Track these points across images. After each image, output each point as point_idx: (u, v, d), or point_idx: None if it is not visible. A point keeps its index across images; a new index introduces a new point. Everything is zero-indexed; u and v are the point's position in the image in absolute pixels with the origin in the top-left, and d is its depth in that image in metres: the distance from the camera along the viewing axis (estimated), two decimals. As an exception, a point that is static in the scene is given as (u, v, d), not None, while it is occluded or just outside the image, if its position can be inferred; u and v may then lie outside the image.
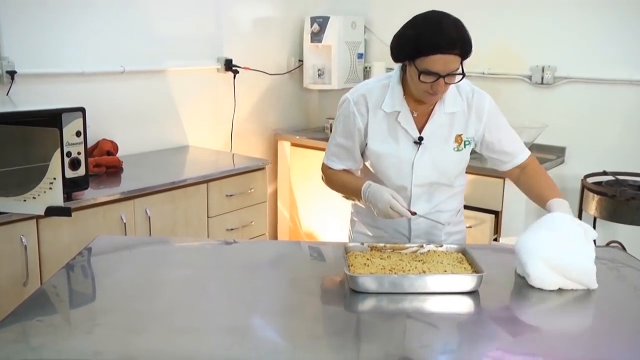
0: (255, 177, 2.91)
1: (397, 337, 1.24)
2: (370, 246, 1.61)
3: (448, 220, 1.81)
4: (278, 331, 1.27)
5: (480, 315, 1.39)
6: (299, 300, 1.40)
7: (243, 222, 2.87)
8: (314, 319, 1.32)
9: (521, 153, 1.76)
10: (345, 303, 1.40)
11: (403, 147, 1.68)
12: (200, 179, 2.64)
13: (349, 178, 1.77)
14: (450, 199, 1.78)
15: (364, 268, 1.49)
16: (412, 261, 1.54)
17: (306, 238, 3.50)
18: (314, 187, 3.46)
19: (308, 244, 1.83)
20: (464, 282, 1.43)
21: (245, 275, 1.54)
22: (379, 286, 1.41)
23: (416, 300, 1.40)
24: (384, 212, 1.61)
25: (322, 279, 1.51)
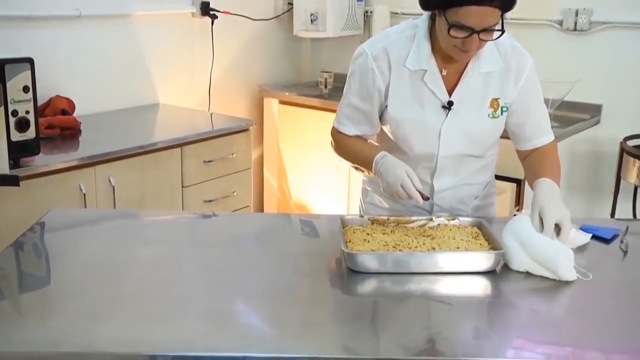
0: (238, 140, 2.91)
1: (403, 325, 1.26)
2: (372, 219, 1.62)
3: (476, 194, 1.81)
4: (265, 317, 1.28)
5: (498, 298, 1.40)
6: (289, 282, 1.41)
7: (224, 192, 2.88)
8: (306, 304, 1.33)
9: (545, 135, 1.75)
10: (343, 285, 1.41)
11: (429, 112, 1.67)
12: (173, 142, 2.63)
13: (362, 145, 1.76)
14: (479, 171, 1.79)
15: (364, 244, 1.49)
16: (419, 236, 1.55)
17: (297, 210, 3.51)
18: (306, 151, 3.47)
19: (299, 217, 1.84)
20: (480, 261, 1.44)
21: (226, 254, 1.55)
22: (381, 265, 1.42)
23: (424, 281, 1.41)
24: (393, 188, 1.60)
25: (315, 257, 1.52)
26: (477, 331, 1.25)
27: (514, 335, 1.24)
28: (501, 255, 1.45)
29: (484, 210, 1.85)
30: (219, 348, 1.16)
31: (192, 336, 1.19)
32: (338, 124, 1.79)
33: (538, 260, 1.44)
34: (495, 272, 1.45)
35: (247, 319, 1.27)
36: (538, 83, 1.73)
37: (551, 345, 1.19)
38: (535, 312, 1.34)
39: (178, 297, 1.34)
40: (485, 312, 1.34)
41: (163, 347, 1.16)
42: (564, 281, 1.42)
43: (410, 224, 1.61)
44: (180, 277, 1.44)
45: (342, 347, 1.19)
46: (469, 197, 1.81)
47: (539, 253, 1.44)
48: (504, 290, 1.42)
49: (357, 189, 3.36)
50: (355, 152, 1.75)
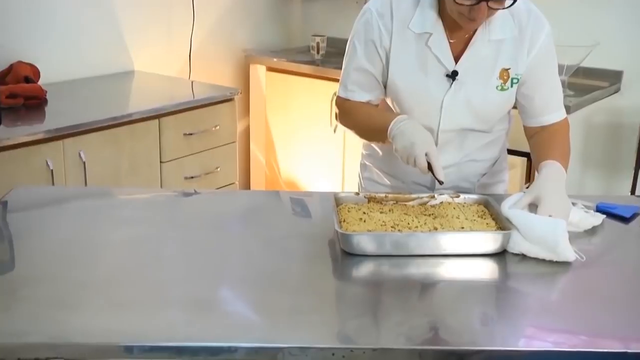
0: (221, 110, 2.90)
1: (403, 312, 1.26)
2: (368, 196, 1.62)
3: (482, 171, 1.82)
4: (252, 305, 1.28)
5: (506, 283, 1.41)
6: (278, 266, 1.41)
7: (206, 168, 2.88)
8: (298, 289, 1.33)
9: (555, 112, 1.74)
10: (337, 269, 1.42)
11: (432, 80, 1.66)
12: (150, 113, 2.63)
13: (375, 110, 1.75)
14: (486, 147, 1.79)
15: (360, 224, 1.49)
16: (420, 215, 1.55)
17: (287, 188, 3.52)
18: (296, 123, 3.46)
19: (289, 195, 1.85)
20: (487, 242, 1.45)
21: (209, 236, 1.55)
22: (379, 247, 1.42)
23: (426, 264, 1.41)
24: (414, 152, 1.54)
25: (307, 238, 1.52)
26: (484, 318, 1.26)
27: (524, 323, 1.25)
28: (509, 235, 1.46)
29: (492, 188, 1.86)
30: (202, 338, 1.16)
31: (171, 325, 1.20)
32: (345, 91, 1.77)
33: (535, 240, 1.45)
34: (504, 254, 1.45)
35: (233, 306, 1.28)
36: (553, 53, 1.72)
37: (563, 334, 1.20)
38: (544, 298, 1.35)
39: (156, 282, 1.34)
40: (490, 297, 1.35)
41: (140, 337, 1.16)
42: (568, 264, 1.43)
43: (410, 201, 1.62)
44: (158, 261, 1.44)
45: (337, 337, 1.19)
46: (474, 175, 1.81)
47: (536, 232, 1.45)
48: (508, 274, 1.43)
49: (353, 164, 3.38)
50: (369, 117, 1.73)
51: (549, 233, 1.44)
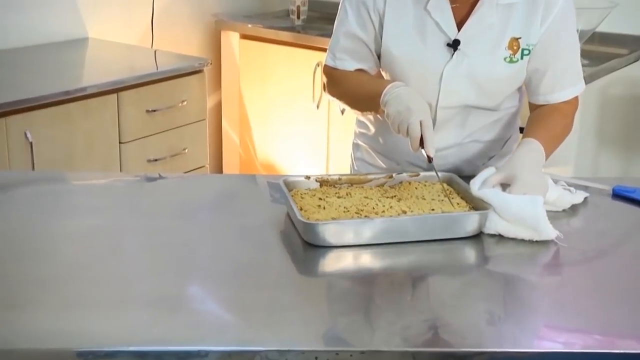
0: (189, 84, 2.90)
1: (394, 309, 1.27)
2: (320, 180, 1.64)
3: (489, 153, 1.83)
4: (224, 302, 1.29)
5: (490, 268, 1.46)
6: (254, 260, 1.41)
7: (172, 149, 2.89)
8: (276, 285, 1.34)
9: (567, 89, 1.74)
10: (319, 262, 1.43)
11: (431, 50, 1.66)
12: (107, 86, 2.62)
13: (368, 77, 1.76)
14: (492, 126, 1.80)
15: (320, 211, 1.51)
16: (382, 198, 1.58)
17: (264, 171, 3.53)
18: (274, 98, 3.46)
19: (267, 179, 1.85)
20: (467, 223, 1.49)
21: (176, 225, 1.55)
22: (355, 236, 1.44)
23: (398, 253, 1.44)
24: (408, 118, 1.55)
25: (286, 228, 1.52)
26: (487, 316, 1.27)
27: (528, 319, 1.26)
28: (486, 215, 1.50)
29: None
30: (167, 340, 1.16)
31: (132, 326, 1.20)
32: (334, 59, 1.78)
33: (513, 219, 1.49)
34: (480, 237, 1.50)
35: (203, 304, 1.28)
36: (573, 21, 1.72)
37: (576, 333, 1.21)
38: (538, 284, 1.39)
39: (116, 279, 1.34)
40: (488, 289, 1.37)
41: (96, 340, 1.16)
42: (548, 244, 1.47)
43: (366, 183, 1.64)
44: (118, 255, 1.43)
45: (321, 338, 1.20)
46: (479, 157, 1.82)
47: (513, 211, 1.49)
48: (495, 258, 1.48)
49: (339, 144, 3.41)
50: (360, 84, 1.74)
51: (528, 211, 1.48)
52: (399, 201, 1.56)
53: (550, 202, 1.60)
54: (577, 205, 1.66)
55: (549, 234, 1.48)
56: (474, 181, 1.57)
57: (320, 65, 3.30)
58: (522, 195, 1.52)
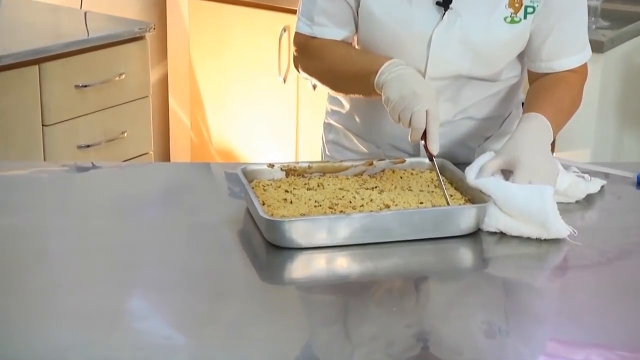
0: (128, 53, 2.89)
1: (377, 321, 1.28)
2: (285, 168, 1.64)
3: (485, 133, 1.85)
4: (172, 318, 1.28)
5: (490, 272, 1.46)
6: (209, 265, 1.42)
7: (108, 133, 2.88)
8: (234, 295, 1.34)
9: (573, 55, 1.77)
10: (286, 268, 1.44)
11: (418, 9, 1.68)
12: (26, 56, 2.61)
13: (355, 50, 1.77)
14: (490, 100, 1.81)
15: (287, 206, 1.51)
16: (361, 190, 1.59)
17: (220, 159, 3.52)
18: (232, 70, 3.46)
19: (223, 169, 1.85)
20: (463, 219, 1.50)
21: (114, 225, 1.55)
22: (329, 235, 1.44)
23: (380, 255, 1.45)
24: (415, 106, 1.55)
25: (247, 227, 1.53)
26: (487, 329, 1.28)
27: (538, 332, 1.28)
28: (485, 209, 1.51)
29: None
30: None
31: (60, 348, 1.19)
32: (310, 26, 1.77)
33: (517, 214, 1.50)
34: (479, 235, 1.51)
35: (146, 320, 1.28)
36: None
37: (593, 349, 1.23)
38: (548, 291, 1.40)
39: (39, 290, 1.33)
40: (487, 297, 1.38)
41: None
42: (559, 243, 1.48)
43: (342, 171, 1.65)
44: (42, 262, 1.43)
45: (293, 358, 1.20)
46: (474, 137, 1.84)
47: (517, 203, 1.50)
48: (496, 260, 1.49)
49: (309, 126, 3.40)
50: (347, 59, 1.73)
51: (534, 203, 1.49)
52: (380, 193, 1.57)
53: (561, 192, 1.61)
54: (594, 195, 1.67)
55: (560, 230, 1.49)
56: (470, 168, 1.59)
57: (288, 31, 3.30)
58: (528, 185, 1.53)
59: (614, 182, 1.72)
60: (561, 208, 1.52)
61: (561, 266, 1.50)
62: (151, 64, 3.03)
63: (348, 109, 1.87)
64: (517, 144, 1.60)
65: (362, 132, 1.86)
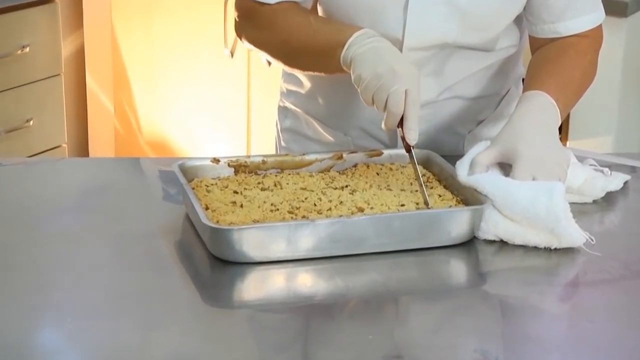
0: (34, 20, 2.91)
1: (340, 353, 1.29)
2: (234, 164, 1.66)
3: (477, 116, 1.88)
4: (93, 351, 1.29)
5: (486, 290, 1.48)
6: (137, 286, 1.43)
7: (10, 121, 2.90)
8: (170, 322, 1.35)
9: (585, 14, 1.80)
10: (235, 287, 1.46)
11: None
12: None
13: (315, 17, 1.79)
14: (482, 75, 1.84)
15: (236, 211, 1.52)
16: (328, 189, 1.61)
17: (152, 153, 3.55)
18: (166, 43, 3.47)
19: (157, 166, 1.85)
20: (448, 224, 1.51)
21: (18, 237, 1.55)
22: (270, 247, 1.45)
23: (352, 270, 1.47)
24: (387, 82, 1.58)
25: (185, 237, 1.55)
26: (482, 356, 1.29)
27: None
28: (481, 212, 1.52)
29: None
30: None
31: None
32: None
33: (521, 216, 1.52)
34: (473, 245, 1.53)
35: (62, 355, 1.28)
36: None
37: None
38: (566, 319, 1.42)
39: None
40: (484, 323, 1.40)
41: None
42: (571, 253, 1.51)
43: (305, 166, 1.67)
44: None
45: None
46: (464, 122, 1.87)
47: (521, 202, 1.51)
48: (490, 277, 1.52)
49: (264, 111, 3.39)
50: (305, 28, 1.74)
51: (541, 204, 1.50)
52: (352, 193, 1.58)
53: (574, 190, 1.63)
54: (615, 193, 1.69)
55: (574, 237, 1.51)
56: (461, 162, 1.60)
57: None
58: (533, 181, 1.55)
59: (639, 177, 1.75)
60: (575, 209, 1.53)
61: (575, 282, 1.52)
62: (63, 33, 3.03)
63: (308, 88, 1.89)
64: (516, 129, 1.62)
65: (327, 116, 1.88)
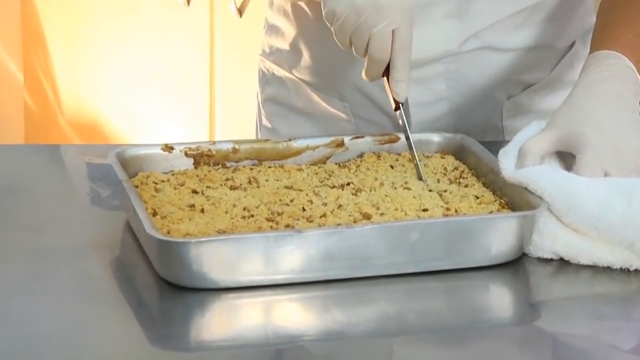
0: None
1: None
2: (194, 153, 1.69)
3: (524, 77, 1.92)
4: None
5: (541, 326, 1.51)
6: (58, 321, 1.44)
7: None
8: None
9: None
10: (173, 321, 1.47)
11: None
12: None
13: None
14: (525, 17, 1.88)
15: (195, 217, 1.53)
16: (323, 187, 1.64)
17: (78, 139, 3.61)
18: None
19: (84, 155, 1.89)
20: (488, 237, 1.53)
21: None
22: (241, 267, 1.45)
23: (356, 300, 1.49)
24: (368, 19, 1.62)
25: (120, 252, 1.59)
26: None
27: None
28: (533, 218, 1.54)
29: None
30: None
31: None
32: None
33: (588, 226, 1.54)
34: (522, 264, 1.56)
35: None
36: None
37: None
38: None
39: None
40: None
41: None
42: None
43: (290, 157, 1.71)
44: None
45: None
46: (501, 85, 1.92)
47: (589, 207, 1.54)
48: (546, 309, 1.55)
49: (235, 79, 3.42)
50: None
51: (617, 210, 1.53)
52: (356, 194, 1.61)
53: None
54: None
55: None
56: (506, 150, 1.63)
57: None
58: (605, 179, 1.57)
59: None
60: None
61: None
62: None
63: (292, 39, 1.93)
64: (581, 106, 1.64)
65: (316, 74, 1.93)
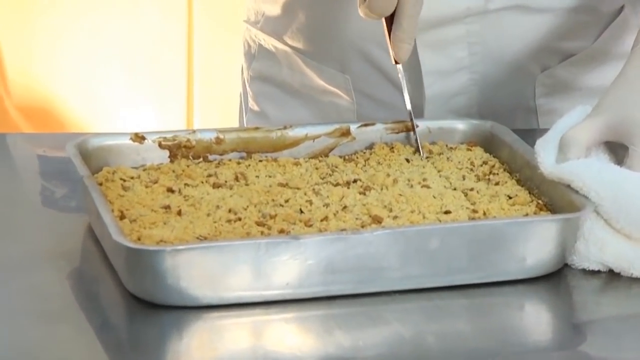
0: None
1: None
2: (170, 144, 1.70)
3: (562, 44, 1.95)
4: None
5: (587, 352, 1.50)
6: (7, 343, 1.44)
7: None
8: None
9: None
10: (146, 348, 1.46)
11: None
12: None
13: None
14: None
15: (170, 221, 1.54)
16: (325, 185, 1.66)
17: (28, 126, 3.64)
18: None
19: (35, 147, 1.90)
20: (523, 245, 1.54)
21: None
22: (226, 281, 1.46)
23: (366, 320, 1.49)
24: None
25: (83, 265, 1.60)
26: None
27: None
28: (577, 222, 1.55)
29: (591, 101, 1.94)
30: None
31: None
32: None
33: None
34: (564, 275, 1.58)
35: None
36: None
37: None
38: None
39: None
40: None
41: None
42: None
43: (287, 148, 1.73)
44: None
45: None
46: (533, 52, 1.93)
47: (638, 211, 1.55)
48: (595, 330, 1.55)
49: (217, 56, 3.43)
50: None
51: None
52: (364, 193, 1.62)
53: None
54: None
55: None
56: (545, 140, 1.63)
57: None
58: None
59: None
60: None
61: None
62: None
63: (283, 2, 1.95)
64: (635, 88, 1.65)
65: (312, 40, 1.95)
